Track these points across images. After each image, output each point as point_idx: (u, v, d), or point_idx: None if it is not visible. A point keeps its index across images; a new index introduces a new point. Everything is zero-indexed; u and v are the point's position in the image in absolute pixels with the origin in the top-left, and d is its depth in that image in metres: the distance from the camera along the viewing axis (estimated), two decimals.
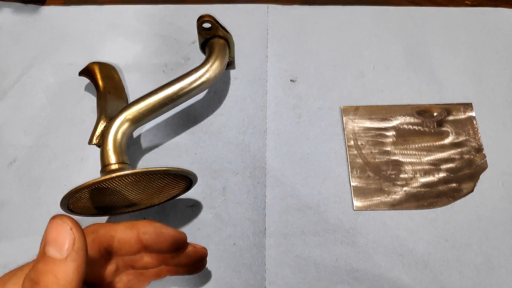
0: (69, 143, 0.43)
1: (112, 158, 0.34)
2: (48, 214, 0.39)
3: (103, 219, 0.39)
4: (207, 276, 0.37)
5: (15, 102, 0.45)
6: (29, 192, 0.41)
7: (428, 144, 0.42)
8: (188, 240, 0.37)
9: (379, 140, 0.42)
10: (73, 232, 0.22)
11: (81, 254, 0.22)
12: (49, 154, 0.42)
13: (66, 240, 0.22)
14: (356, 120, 0.43)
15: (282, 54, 0.47)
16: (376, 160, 0.41)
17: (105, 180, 0.29)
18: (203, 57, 0.42)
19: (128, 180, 0.31)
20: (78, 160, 0.42)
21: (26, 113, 0.45)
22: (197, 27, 0.40)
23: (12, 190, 0.41)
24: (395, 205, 0.39)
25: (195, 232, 0.38)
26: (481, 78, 0.45)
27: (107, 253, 0.29)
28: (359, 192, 0.40)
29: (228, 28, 0.41)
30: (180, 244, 0.31)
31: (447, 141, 0.42)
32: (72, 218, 0.22)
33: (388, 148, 0.41)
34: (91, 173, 0.41)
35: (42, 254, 0.22)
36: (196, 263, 0.32)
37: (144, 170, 0.30)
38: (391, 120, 0.43)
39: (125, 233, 0.29)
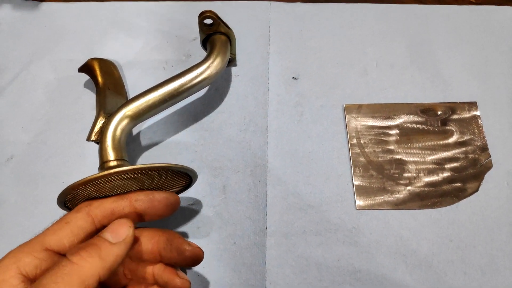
0: (68, 140, 0.42)
1: (111, 154, 0.33)
2: (46, 212, 0.39)
3: None
4: (207, 275, 0.36)
5: (14, 98, 0.45)
6: (27, 189, 0.40)
7: (432, 143, 0.41)
8: (187, 239, 0.37)
9: (382, 138, 0.41)
10: (130, 230, 0.27)
11: (126, 246, 0.27)
12: (47, 151, 0.42)
13: (122, 232, 0.27)
14: (359, 118, 0.42)
15: (284, 52, 0.47)
16: (379, 159, 0.40)
17: (103, 177, 0.29)
18: (204, 54, 0.41)
19: (126, 177, 0.30)
20: (77, 157, 0.41)
21: (24, 110, 0.44)
22: (198, 23, 0.40)
23: (9, 187, 0.40)
24: (398, 205, 0.38)
25: (195, 231, 0.38)
26: (485, 77, 0.45)
27: (103, 227, 0.29)
28: (361, 191, 0.39)
29: (230, 25, 0.41)
30: (174, 205, 0.32)
31: (451, 140, 0.41)
32: (133, 223, 0.28)
33: (392, 147, 0.41)
34: (90, 170, 0.40)
35: (98, 235, 0.27)
36: (191, 263, 0.32)
37: (143, 166, 0.30)
38: (394, 118, 0.42)
39: (118, 203, 0.30)
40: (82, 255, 0.24)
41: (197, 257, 0.31)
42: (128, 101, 0.36)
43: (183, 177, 0.34)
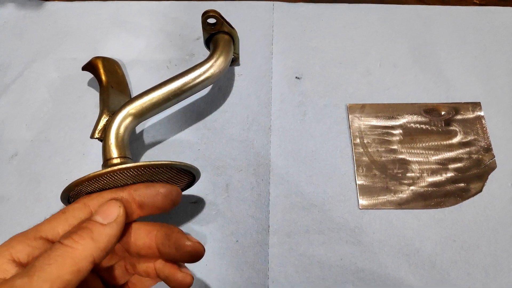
0: (71, 138, 0.42)
1: (114, 152, 0.33)
2: (48, 210, 0.39)
3: None
4: (209, 273, 0.36)
5: (18, 96, 0.45)
6: (30, 187, 0.40)
7: (436, 143, 0.41)
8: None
9: (386, 138, 0.41)
10: (120, 210, 0.27)
11: (119, 226, 0.26)
12: (50, 149, 0.42)
13: (112, 212, 0.26)
14: (362, 118, 0.42)
15: (288, 51, 0.47)
16: (383, 158, 0.40)
17: (106, 173, 0.29)
18: (207, 53, 0.41)
19: (129, 174, 0.30)
20: (80, 155, 0.41)
21: (28, 108, 0.44)
22: (201, 22, 0.40)
23: (12, 185, 0.40)
24: (401, 204, 0.38)
25: (197, 229, 0.38)
26: (489, 78, 0.45)
27: None
28: (365, 190, 0.39)
29: (233, 25, 0.41)
30: (175, 197, 0.31)
31: (455, 140, 0.41)
32: (123, 203, 0.28)
33: (395, 147, 0.41)
34: (92, 168, 0.40)
35: (88, 219, 0.26)
36: (191, 259, 0.30)
37: (146, 163, 0.30)
38: (398, 118, 0.42)
39: (117, 193, 0.29)
40: (74, 238, 0.24)
41: (197, 253, 0.28)
42: (132, 99, 0.36)
43: (186, 174, 0.34)
